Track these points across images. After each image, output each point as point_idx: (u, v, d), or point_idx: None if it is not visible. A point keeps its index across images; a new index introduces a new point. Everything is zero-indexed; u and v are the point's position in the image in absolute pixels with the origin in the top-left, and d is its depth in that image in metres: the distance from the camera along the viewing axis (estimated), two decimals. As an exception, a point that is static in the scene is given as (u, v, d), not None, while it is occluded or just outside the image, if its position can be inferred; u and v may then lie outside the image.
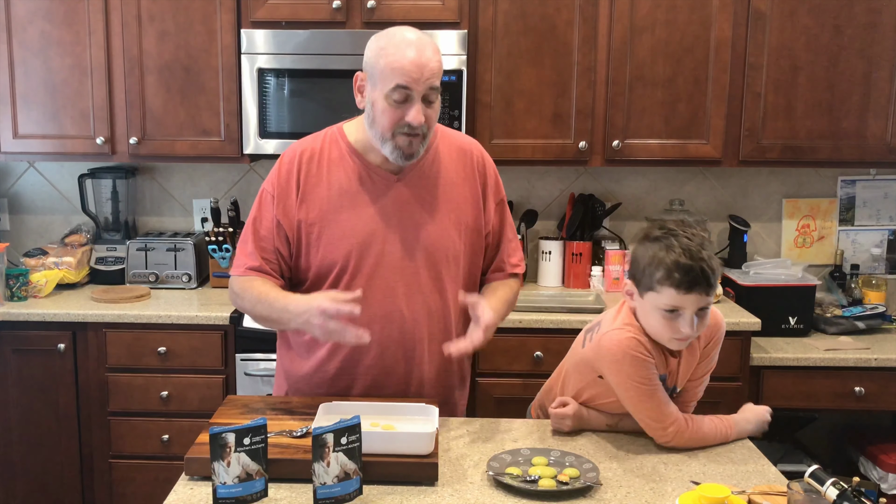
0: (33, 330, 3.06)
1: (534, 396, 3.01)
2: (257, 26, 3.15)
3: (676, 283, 1.77)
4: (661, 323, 1.82)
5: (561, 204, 3.61)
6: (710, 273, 1.77)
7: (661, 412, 1.86)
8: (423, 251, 1.97)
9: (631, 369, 1.85)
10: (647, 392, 1.85)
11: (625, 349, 1.85)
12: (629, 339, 1.85)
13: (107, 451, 3.12)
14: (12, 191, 3.68)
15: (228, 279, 3.34)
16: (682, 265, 1.76)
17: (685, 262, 1.76)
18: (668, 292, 1.78)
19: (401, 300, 1.96)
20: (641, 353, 1.84)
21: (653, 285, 1.81)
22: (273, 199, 1.98)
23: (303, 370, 2.05)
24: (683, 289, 1.77)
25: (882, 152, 3.21)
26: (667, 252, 1.79)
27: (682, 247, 1.78)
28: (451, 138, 2.07)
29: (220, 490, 1.53)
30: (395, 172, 1.98)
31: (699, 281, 1.76)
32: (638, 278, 1.86)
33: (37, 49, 3.21)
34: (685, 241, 1.79)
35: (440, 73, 1.87)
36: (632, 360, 1.84)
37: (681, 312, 1.79)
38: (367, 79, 1.90)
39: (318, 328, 1.78)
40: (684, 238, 1.80)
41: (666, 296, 1.79)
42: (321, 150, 2.00)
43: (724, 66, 3.15)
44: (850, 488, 1.42)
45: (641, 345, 1.85)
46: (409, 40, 1.84)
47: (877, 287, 3.42)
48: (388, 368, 1.99)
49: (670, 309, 1.79)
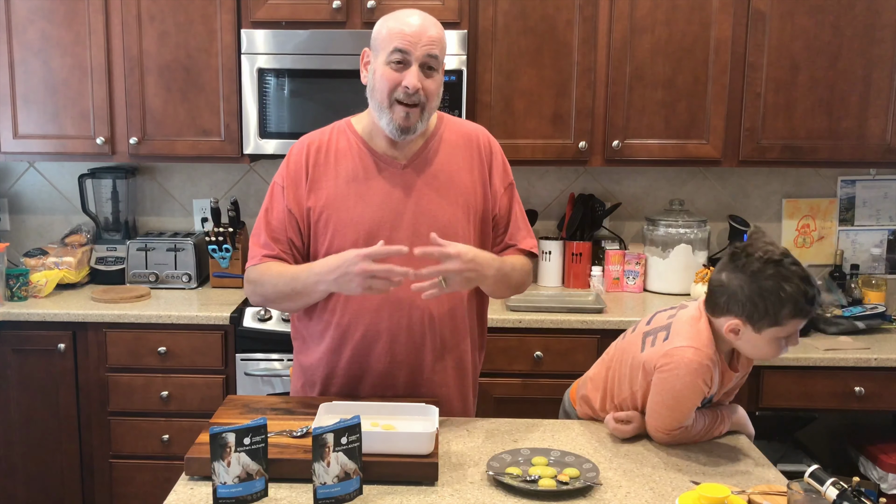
0: (33, 330, 3.06)
1: (534, 396, 3.02)
2: (257, 26, 3.15)
3: (804, 314, 1.79)
4: (774, 347, 1.83)
5: (561, 204, 3.61)
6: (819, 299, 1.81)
7: (673, 424, 1.89)
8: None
9: (685, 387, 1.85)
10: (679, 408, 1.87)
11: (694, 373, 1.83)
12: (704, 366, 1.84)
13: (107, 451, 3.12)
14: (12, 191, 3.68)
15: (229, 279, 3.39)
16: (810, 296, 1.77)
17: (811, 290, 1.77)
18: (794, 322, 1.79)
19: (409, 288, 1.96)
20: (703, 381, 1.85)
21: (779, 321, 1.78)
22: (283, 190, 2.02)
23: (315, 357, 2.05)
24: (804, 315, 1.79)
25: (882, 152, 3.21)
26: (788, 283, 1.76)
27: (800, 275, 1.77)
28: (458, 126, 2.10)
29: (220, 490, 1.53)
30: (402, 160, 2.00)
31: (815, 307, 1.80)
32: (756, 318, 1.80)
33: (37, 49, 3.21)
34: (793, 269, 1.78)
35: (441, 45, 1.93)
36: (692, 385, 1.84)
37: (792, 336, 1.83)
38: (372, 52, 1.97)
39: (359, 275, 1.78)
40: (791, 266, 1.78)
41: (791, 326, 1.80)
42: (329, 140, 2.04)
43: (723, 66, 3.15)
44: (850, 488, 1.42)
45: (710, 375, 1.85)
46: (411, 13, 1.95)
47: (877, 287, 3.42)
48: (399, 356, 2.00)
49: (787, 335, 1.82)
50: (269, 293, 1.99)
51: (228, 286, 3.40)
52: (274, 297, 2.00)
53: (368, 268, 1.78)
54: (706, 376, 1.84)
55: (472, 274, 1.87)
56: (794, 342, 1.84)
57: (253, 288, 2.02)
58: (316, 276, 1.89)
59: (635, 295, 3.41)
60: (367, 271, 1.78)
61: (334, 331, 2.01)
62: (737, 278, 1.81)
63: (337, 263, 1.84)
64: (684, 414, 1.88)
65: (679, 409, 1.87)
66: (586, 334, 3.01)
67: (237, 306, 3.11)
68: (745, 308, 1.80)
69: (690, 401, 1.87)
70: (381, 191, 1.98)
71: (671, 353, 1.86)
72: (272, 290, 1.98)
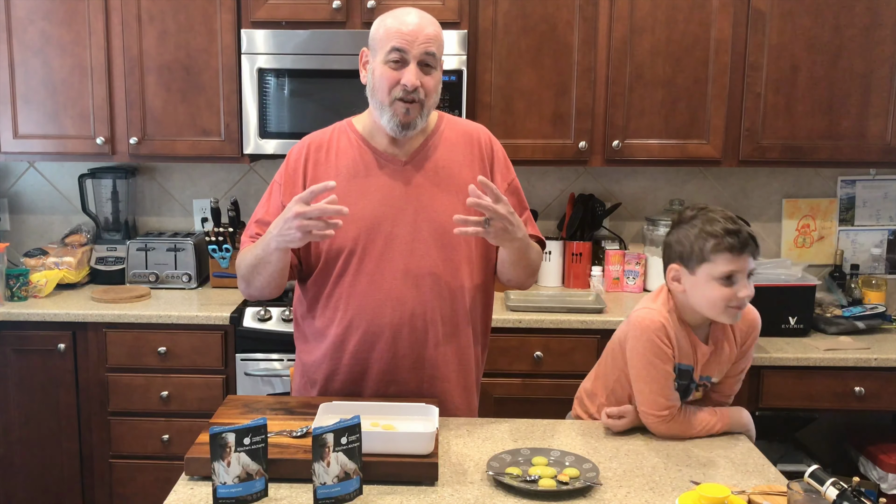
0: (33, 330, 3.06)
1: (534, 396, 3.03)
2: (257, 26, 3.15)
3: (730, 247, 1.86)
4: (719, 293, 1.87)
5: (561, 204, 3.61)
6: (753, 234, 1.89)
7: (657, 400, 1.92)
8: (432, 233, 1.98)
9: (646, 349, 1.93)
10: (652, 375, 1.93)
11: (649, 330, 1.93)
12: (656, 322, 1.93)
13: (107, 451, 3.12)
14: (12, 191, 3.68)
15: (229, 279, 3.39)
16: (731, 230, 1.86)
17: (732, 227, 1.87)
18: (724, 257, 1.86)
19: (411, 282, 1.97)
20: (661, 340, 1.92)
21: (706, 257, 1.88)
22: (280, 188, 2.04)
23: (317, 355, 2.06)
24: (737, 251, 1.86)
25: (882, 152, 3.21)
26: (711, 224, 1.90)
27: (723, 216, 1.90)
28: (458, 124, 2.12)
29: (220, 490, 1.53)
30: (402, 157, 2.00)
31: (748, 242, 1.87)
32: (686, 257, 1.92)
33: (37, 49, 3.21)
34: (721, 212, 1.91)
35: (438, 42, 1.94)
36: (648, 341, 1.92)
37: (736, 277, 1.87)
38: (370, 52, 1.98)
39: (294, 219, 1.77)
40: (719, 211, 1.92)
41: (722, 262, 1.86)
42: (329, 140, 2.06)
43: (723, 66, 3.15)
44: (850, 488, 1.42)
45: (665, 332, 1.92)
46: (408, 11, 1.97)
47: (877, 287, 3.42)
48: (401, 351, 2.00)
49: (727, 275, 1.86)
50: (245, 272, 1.99)
51: (228, 286, 3.40)
52: (248, 275, 1.99)
53: (300, 210, 1.76)
54: (660, 333, 1.92)
55: (509, 226, 1.85)
56: (744, 289, 1.87)
57: (238, 275, 2.03)
58: (267, 237, 1.89)
59: (635, 295, 3.41)
60: (300, 213, 1.76)
61: (337, 328, 2.01)
62: (671, 233, 1.99)
63: (278, 219, 1.83)
64: (659, 382, 1.92)
65: (652, 376, 1.93)
66: (586, 334, 3.01)
67: (237, 306, 3.11)
68: (675, 251, 1.96)
69: (657, 366, 1.92)
70: (381, 187, 1.99)
71: (629, 319, 2.00)
72: (245, 268, 1.98)
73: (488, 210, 1.80)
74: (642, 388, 1.95)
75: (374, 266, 1.97)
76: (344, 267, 1.99)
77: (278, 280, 1.97)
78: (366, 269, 1.97)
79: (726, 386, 2.08)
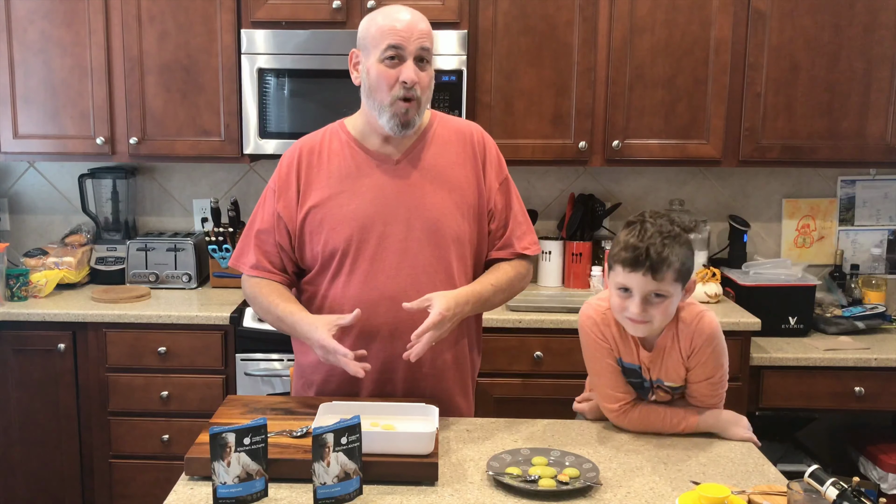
0: (33, 330, 3.06)
1: (534, 396, 3.03)
2: (257, 26, 3.15)
3: (622, 261, 1.85)
4: (616, 301, 1.89)
5: (561, 204, 3.61)
6: (656, 257, 1.80)
7: (606, 393, 1.97)
8: (425, 232, 1.98)
9: (585, 342, 2.01)
10: (596, 368, 1.99)
11: (581, 322, 2.00)
12: (586, 315, 2.00)
13: (107, 451, 3.12)
14: (12, 191, 3.68)
15: (229, 279, 3.39)
16: (631, 244, 1.83)
17: (634, 241, 1.83)
18: (617, 269, 1.87)
19: (405, 281, 1.97)
20: (591, 331, 1.97)
21: (612, 263, 1.90)
22: (274, 194, 2.04)
23: (312, 356, 2.05)
24: (628, 267, 1.83)
25: (882, 152, 3.21)
26: (626, 234, 1.87)
27: (641, 230, 1.85)
28: (451, 122, 2.11)
29: (220, 490, 1.53)
30: (395, 156, 2.01)
31: (641, 262, 1.81)
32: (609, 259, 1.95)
33: (37, 49, 3.21)
34: (648, 226, 1.84)
35: (430, 37, 1.96)
36: (582, 334, 2.00)
37: (630, 292, 1.85)
38: (361, 52, 1.98)
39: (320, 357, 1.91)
40: (649, 223, 1.85)
41: (617, 273, 1.87)
42: (321, 142, 2.06)
43: (723, 66, 3.15)
44: (850, 488, 1.42)
45: (595, 324, 1.97)
46: (397, 9, 1.96)
47: (877, 287, 3.42)
48: (397, 351, 1.99)
49: (621, 287, 1.86)
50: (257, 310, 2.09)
51: (228, 286, 3.40)
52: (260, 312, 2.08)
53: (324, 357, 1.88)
54: (592, 327, 1.96)
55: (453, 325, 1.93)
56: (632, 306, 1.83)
57: (249, 300, 2.11)
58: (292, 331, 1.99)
59: (635, 295, 3.41)
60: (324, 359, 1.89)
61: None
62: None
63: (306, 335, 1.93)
64: (605, 375, 1.96)
65: (597, 369, 1.98)
66: (586, 334, 3.01)
67: (237, 306, 3.11)
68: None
69: (598, 358, 1.97)
70: (373, 186, 1.99)
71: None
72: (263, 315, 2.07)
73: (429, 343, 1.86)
74: (594, 380, 2.01)
75: (368, 265, 1.97)
76: (338, 267, 1.99)
77: None
78: (359, 268, 1.97)
79: (696, 393, 1.98)
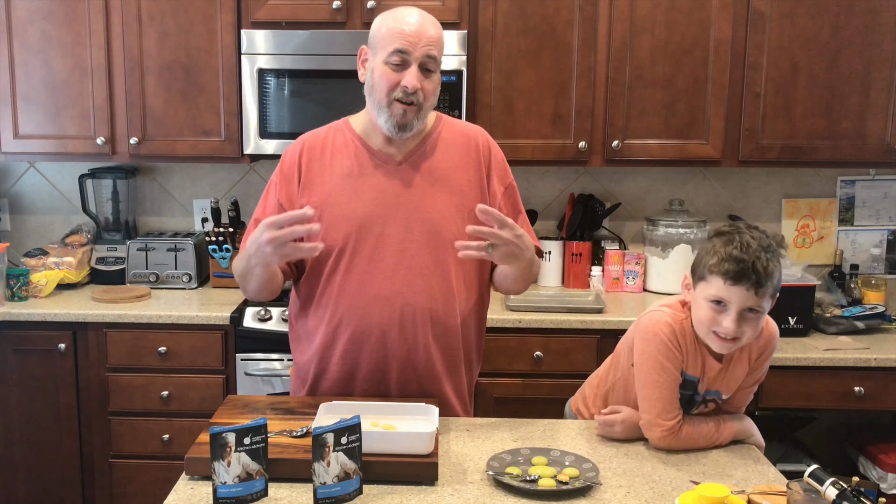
0: (34, 330, 3.06)
1: (534, 396, 3.03)
2: (257, 26, 3.15)
3: (724, 273, 1.78)
4: (707, 314, 1.82)
5: (561, 204, 3.61)
6: (762, 271, 1.76)
7: (659, 409, 1.87)
8: (424, 234, 1.98)
9: (652, 349, 1.88)
10: (660, 381, 1.87)
11: (656, 329, 1.88)
12: (664, 323, 1.88)
13: (107, 450, 3.12)
14: (13, 191, 3.68)
15: (229, 279, 3.39)
16: (735, 256, 1.77)
17: (738, 254, 1.77)
18: (716, 282, 1.79)
19: (401, 282, 1.96)
20: (669, 340, 1.87)
21: (704, 274, 1.83)
22: (277, 186, 2.04)
23: (307, 356, 2.07)
24: (730, 280, 1.77)
25: (882, 152, 3.21)
26: (725, 245, 1.81)
27: (742, 242, 1.79)
28: (456, 126, 2.11)
29: (220, 490, 1.53)
30: (397, 157, 2.00)
31: (747, 275, 1.76)
32: (694, 268, 1.88)
33: (37, 49, 3.21)
34: (747, 238, 1.80)
35: (440, 45, 1.94)
36: (657, 342, 1.87)
37: (726, 306, 1.80)
38: (370, 50, 1.98)
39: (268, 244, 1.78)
40: (748, 235, 1.81)
41: (714, 285, 1.80)
42: (325, 138, 2.06)
43: (723, 66, 3.15)
44: (850, 488, 1.42)
45: (673, 332, 1.87)
46: (410, 12, 1.95)
47: (876, 287, 3.42)
48: (391, 351, 1.99)
49: (716, 300, 1.80)
50: (238, 277, 2.01)
51: (228, 286, 3.40)
52: (241, 280, 2.01)
53: (272, 236, 1.77)
54: (669, 335, 1.87)
55: (516, 250, 1.85)
56: (727, 321, 1.79)
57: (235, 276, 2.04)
58: (245, 253, 1.91)
59: (635, 295, 3.41)
60: (272, 239, 1.77)
61: (326, 327, 2.01)
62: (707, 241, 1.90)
63: (252, 238, 1.84)
64: (668, 388, 1.87)
65: (660, 381, 1.86)
66: (586, 334, 3.01)
67: (237, 306, 3.11)
68: (694, 260, 1.89)
69: (666, 369, 1.87)
70: (375, 186, 1.99)
71: (638, 321, 1.97)
72: (238, 274, 2.00)
73: (492, 237, 1.80)
74: (650, 393, 1.88)
75: (365, 265, 1.97)
76: (334, 266, 1.99)
77: (269, 286, 1.99)
78: (356, 268, 1.97)
79: (737, 399, 2.00)
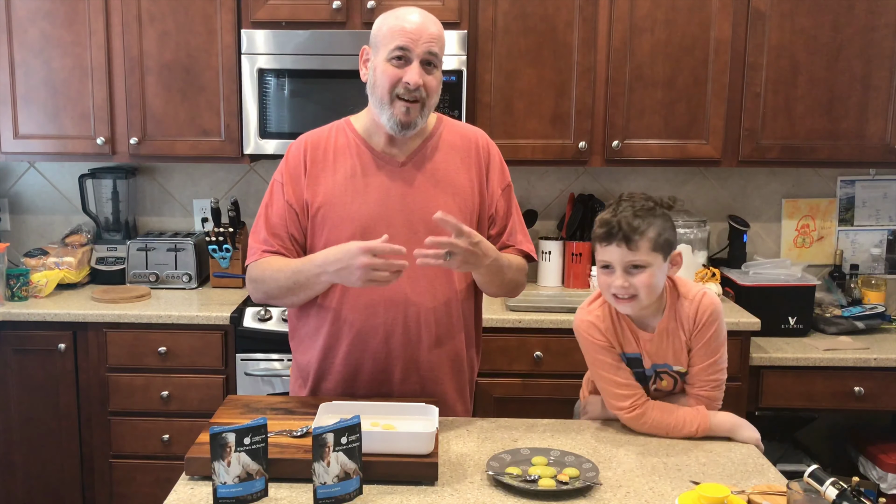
0: (34, 330, 3.06)
1: (534, 396, 3.03)
2: (257, 26, 3.15)
3: (598, 238, 1.92)
4: (602, 279, 1.93)
5: (561, 204, 3.61)
6: (627, 227, 1.87)
7: (615, 392, 1.97)
8: (427, 235, 1.96)
9: (584, 347, 2.02)
10: (598, 374, 1.99)
11: (579, 331, 2.02)
12: (581, 322, 2.01)
13: (107, 450, 3.12)
14: (13, 191, 3.68)
15: (229, 279, 3.39)
16: (603, 220, 1.91)
17: (607, 217, 1.91)
18: (597, 247, 1.93)
19: (404, 283, 1.96)
20: (591, 336, 1.98)
21: (594, 246, 1.96)
22: (283, 186, 2.03)
23: (310, 355, 2.06)
24: (604, 241, 1.90)
25: (882, 152, 3.21)
26: (602, 215, 1.94)
27: (616, 209, 1.92)
28: (457, 127, 2.12)
29: (220, 490, 1.53)
30: (399, 158, 2.01)
31: (614, 233, 1.88)
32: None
33: (37, 49, 3.21)
34: (624, 205, 1.92)
35: (440, 42, 1.95)
36: (584, 341, 2.01)
37: (612, 267, 1.90)
38: (372, 50, 1.99)
39: (360, 269, 1.80)
40: (627, 203, 1.92)
41: (598, 252, 1.93)
42: (327, 138, 2.05)
43: (723, 66, 3.15)
44: (850, 488, 1.42)
45: (593, 325, 1.98)
46: (411, 10, 1.97)
47: (876, 287, 3.42)
48: (394, 351, 2.00)
49: (604, 265, 1.92)
50: (272, 289, 1.99)
51: (228, 286, 3.40)
52: (276, 293, 2.00)
53: (369, 262, 1.79)
54: (589, 331, 1.98)
55: (472, 258, 1.87)
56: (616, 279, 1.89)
57: (255, 286, 2.03)
58: (318, 268, 1.90)
59: (635, 295, 3.41)
60: (368, 265, 1.80)
61: (330, 327, 2.01)
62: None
63: (338, 256, 1.85)
64: (611, 374, 1.96)
65: (602, 373, 1.98)
66: (586, 334, 3.01)
67: (237, 306, 3.11)
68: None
69: (602, 359, 1.97)
70: (378, 187, 1.99)
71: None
72: (274, 285, 1.98)
73: (448, 246, 1.82)
74: (602, 385, 2.00)
75: None
76: None
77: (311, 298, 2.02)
78: None
79: (698, 377, 1.99)
